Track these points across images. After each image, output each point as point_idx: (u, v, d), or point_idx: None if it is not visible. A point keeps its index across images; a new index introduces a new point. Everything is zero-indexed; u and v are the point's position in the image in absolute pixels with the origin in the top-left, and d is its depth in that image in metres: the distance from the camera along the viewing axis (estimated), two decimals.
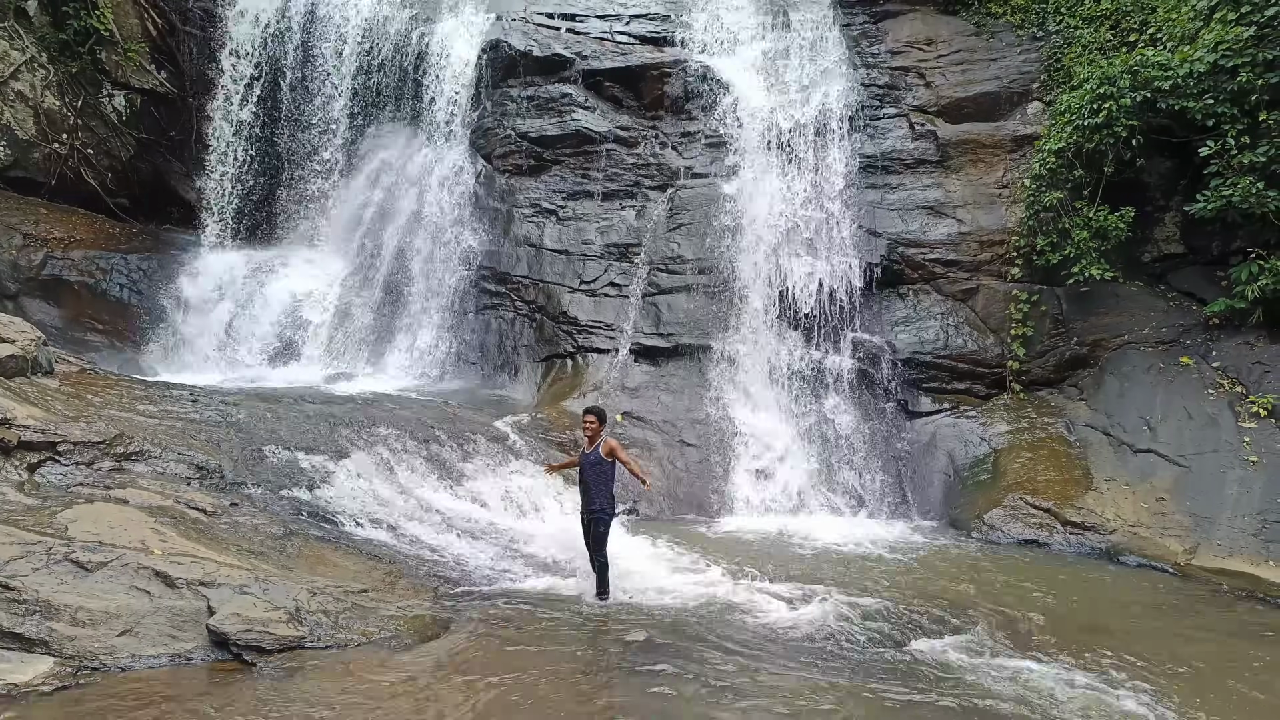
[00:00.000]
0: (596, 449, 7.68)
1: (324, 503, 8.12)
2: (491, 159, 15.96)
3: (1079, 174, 12.32)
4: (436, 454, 10.17)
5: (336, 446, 9.20)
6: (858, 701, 5.32)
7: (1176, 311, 12.27)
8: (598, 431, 7.71)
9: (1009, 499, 10.76)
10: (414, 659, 5.46)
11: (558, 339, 14.15)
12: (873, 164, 14.69)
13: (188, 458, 7.69)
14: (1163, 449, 10.69)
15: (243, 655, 5.14)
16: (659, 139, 15.71)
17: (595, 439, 7.70)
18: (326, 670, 5.12)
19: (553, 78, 16.14)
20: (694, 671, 5.65)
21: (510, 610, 6.74)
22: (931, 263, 13.84)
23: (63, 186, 15.29)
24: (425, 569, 7.43)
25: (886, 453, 12.59)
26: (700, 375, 13.30)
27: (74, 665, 4.78)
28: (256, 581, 5.86)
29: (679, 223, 14.69)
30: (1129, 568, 9.34)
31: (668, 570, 8.47)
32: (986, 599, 7.67)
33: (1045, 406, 12.43)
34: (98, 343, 13.39)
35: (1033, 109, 14.39)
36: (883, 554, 9.54)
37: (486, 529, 8.95)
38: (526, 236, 15.07)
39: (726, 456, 12.16)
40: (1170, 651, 6.59)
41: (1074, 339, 12.72)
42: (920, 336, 13.46)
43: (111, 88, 16.11)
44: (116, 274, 14.19)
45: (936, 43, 15.60)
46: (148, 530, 6.18)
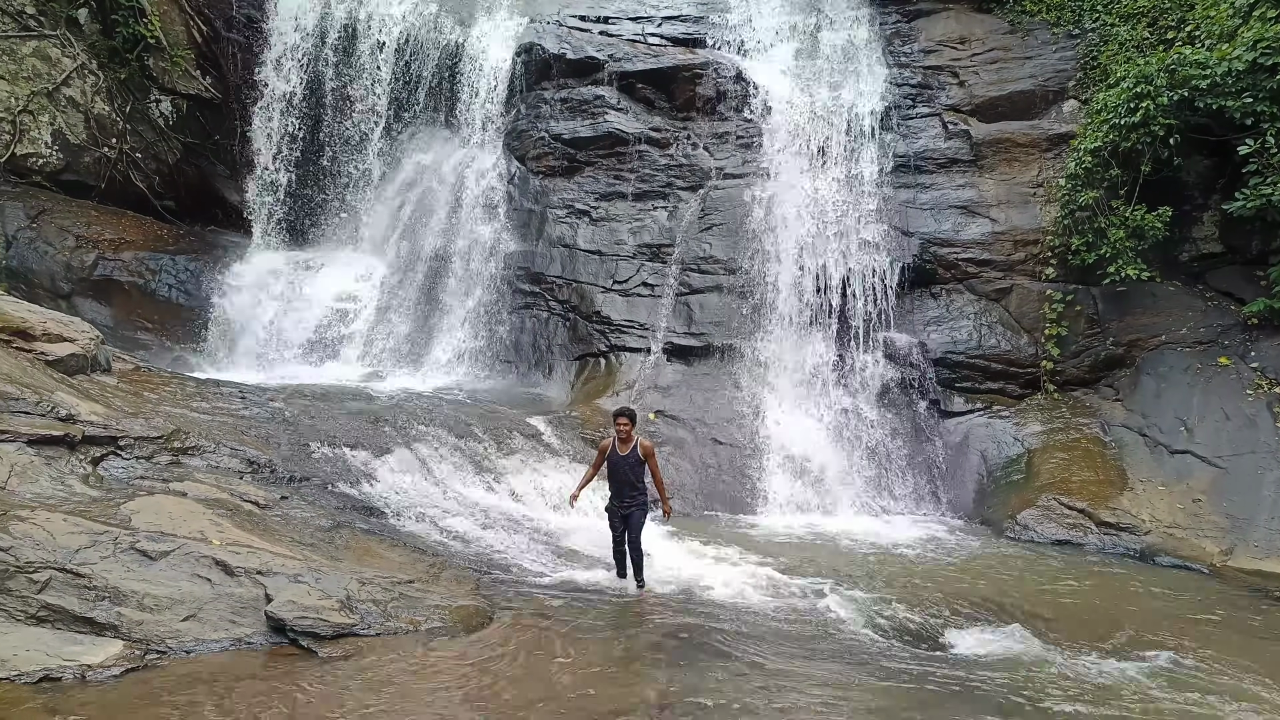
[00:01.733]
0: (634, 450, 7.77)
1: (368, 497, 8.38)
2: (525, 161, 16.20)
3: (1115, 173, 12.25)
4: (474, 450, 10.41)
5: (379, 443, 9.47)
6: (889, 694, 5.43)
7: (1215, 311, 12.15)
8: (631, 433, 7.81)
9: (1042, 499, 10.75)
10: (461, 646, 5.67)
11: (591, 338, 14.35)
12: (905, 163, 14.70)
13: (240, 453, 7.98)
14: (1199, 450, 10.63)
15: (299, 640, 5.38)
16: (691, 140, 15.84)
17: (629, 440, 7.78)
18: (379, 655, 5.34)
19: (586, 80, 16.34)
20: (729, 663, 5.80)
21: (550, 601, 6.93)
22: (965, 262, 13.82)
23: (112, 189, 15.78)
24: (467, 561, 7.65)
25: (918, 452, 12.62)
26: (731, 374, 13.43)
27: (142, 648, 5.04)
28: (309, 571, 6.11)
29: (711, 223, 14.81)
30: (1163, 568, 9.31)
31: (700, 565, 8.62)
32: (1017, 598, 7.72)
33: (1080, 407, 12.38)
34: (147, 341, 13.83)
35: (1068, 107, 14.30)
36: (913, 552, 9.60)
37: (523, 523, 9.16)
38: (560, 237, 15.29)
39: (758, 455, 12.27)
40: (1210, 648, 6.62)
41: (1110, 339, 12.65)
42: (953, 336, 13.46)
43: (159, 93, 16.58)
44: (165, 274, 14.64)
45: (970, 41, 15.56)
46: (206, 521, 6.46)
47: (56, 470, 6.47)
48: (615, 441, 7.82)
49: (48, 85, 15.04)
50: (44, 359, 7.88)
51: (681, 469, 11.97)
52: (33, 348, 7.92)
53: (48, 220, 14.27)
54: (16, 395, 6.82)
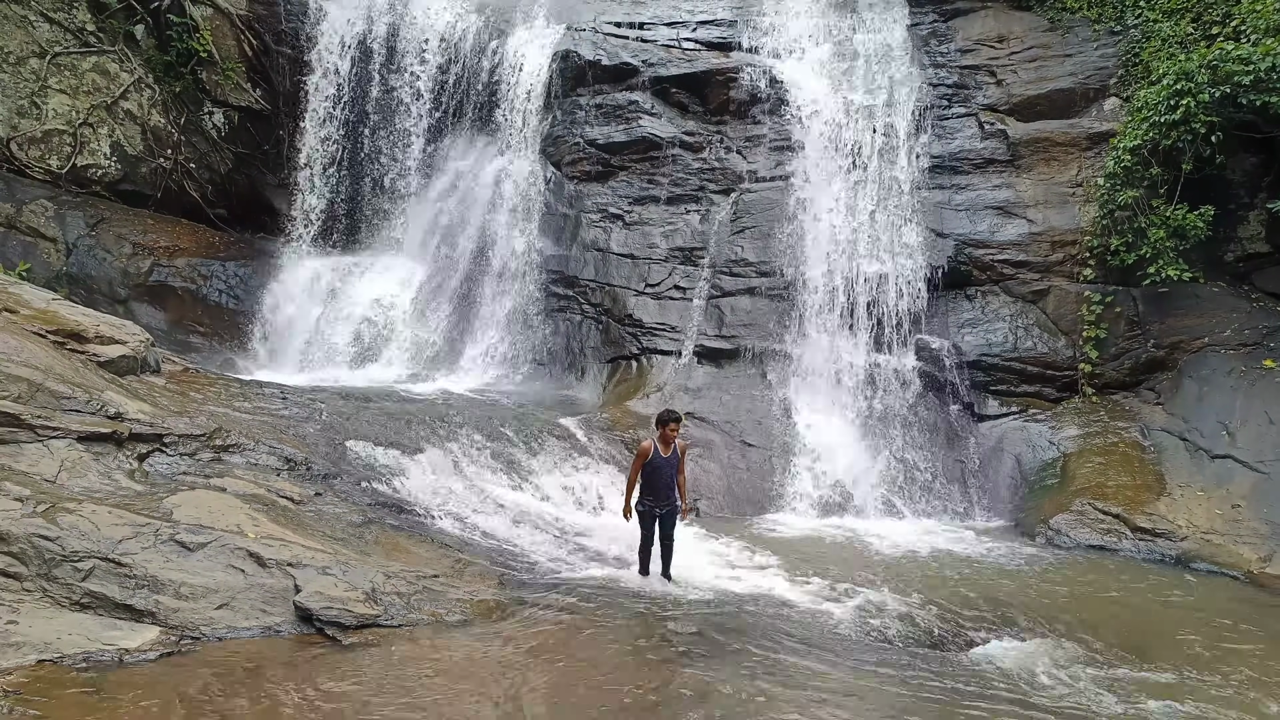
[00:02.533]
0: (674, 451, 7.87)
1: (399, 494, 8.65)
2: (561, 166, 16.46)
3: (1156, 172, 12.00)
4: (504, 451, 10.64)
5: (411, 443, 9.76)
6: (902, 697, 5.46)
7: (1260, 313, 11.82)
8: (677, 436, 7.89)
9: (1076, 504, 10.58)
10: (480, 639, 5.86)
11: (623, 341, 14.52)
12: (940, 164, 14.58)
13: (278, 451, 8.32)
14: (1241, 455, 10.36)
15: (325, 630, 5.62)
16: (724, 143, 15.92)
17: (671, 443, 7.84)
18: (401, 645, 5.56)
19: (620, 85, 16.54)
20: (747, 660, 5.89)
21: (572, 598, 7.09)
22: (1000, 264, 13.65)
23: (167, 198, 16.47)
24: (492, 558, 7.86)
25: (951, 456, 12.51)
26: (762, 377, 13.47)
27: (177, 634, 5.33)
28: (337, 564, 6.37)
29: (743, 226, 14.87)
30: (1199, 574, 9.10)
31: (725, 565, 8.71)
32: (1045, 603, 7.65)
33: (1119, 410, 12.14)
34: (199, 344, 14.41)
35: (1109, 105, 14.03)
36: (942, 556, 9.54)
37: (550, 522, 9.35)
38: (594, 241, 15.50)
39: (787, 457, 12.29)
40: (1238, 657, 6.49)
41: (1150, 341, 12.38)
42: (988, 339, 13.30)
43: (211, 105, 17.24)
44: (216, 280, 15.24)
45: (1008, 40, 15.36)
46: (242, 515, 6.77)
47: (104, 465, 6.85)
48: (657, 444, 7.84)
49: (106, 99, 15.77)
50: (96, 360, 8.32)
51: (710, 471, 12.05)
52: (85, 349, 8.37)
53: (106, 228, 14.96)
54: (68, 394, 7.23)
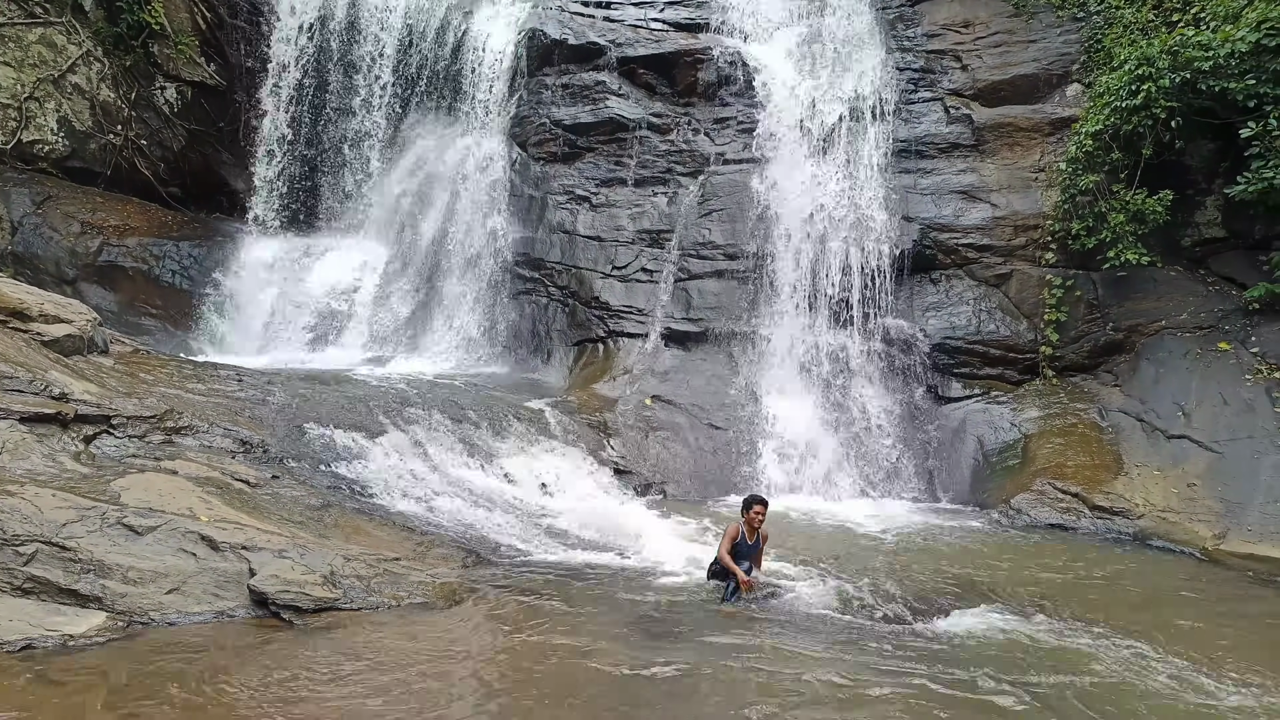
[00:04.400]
0: (758, 539, 7.37)
1: (360, 477, 8.47)
2: (527, 147, 16.22)
3: (1116, 157, 12.14)
4: (469, 434, 10.48)
5: (373, 425, 9.56)
6: (866, 672, 5.46)
7: (1216, 296, 12.05)
8: (763, 522, 7.36)
9: (1037, 483, 10.73)
10: (441, 621, 5.76)
11: (590, 324, 14.39)
12: (906, 148, 14.62)
13: (233, 433, 8.09)
14: (1196, 435, 10.57)
15: (281, 614, 5.47)
16: (692, 125, 15.80)
17: (756, 529, 7.34)
18: (359, 628, 5.43)
19: (587, 65, 16.32)
20: (710, 638, 5.87)
21: (534, 579, 7.00)
22: (964, 248, 13.75)
23: (118, 176, 15.95)
24: (456, 540, 7.72)
25: (915, 438, 12.61)
26: (729, 360, 13.45)
27: (125, 620, 5.14)
28: (294, 547, 6.20)
29: (710, 209, 14.79)
30: (1155, 551, 9.28)
31: (690, 546, 8.66)
32: (1002, 579, 7.74)
33: (1078, 392, 12.33)
34: (152, 326, 14.00)
35: (1072, 91, 14.17)
36: (903, 535, 9.61)
37: (515, 504, 9.24)
38: (560, 223, 15.32)
39: (754, 439, 12.30)
40: (1193, 629, 6.62)
41: (1109, 324, 12.57)
42: (952, 322, 13.41)
43: (163, 80, 16.71)
44: (169, 260, 14.79)
45: (974, 25, 15.42)
46: (195, 499, 6.56)
47: (48, 447, 6.58)
48: (743, 529, 7.31)
49: (53, 72, 15.20)
50: (40, 339, 7.99)
51: (677, 454, 12.01)
52: (29, 328, 8.04)
53: (53, 206, 14.44)
54: (10, 374, 6.93)
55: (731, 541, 7.29)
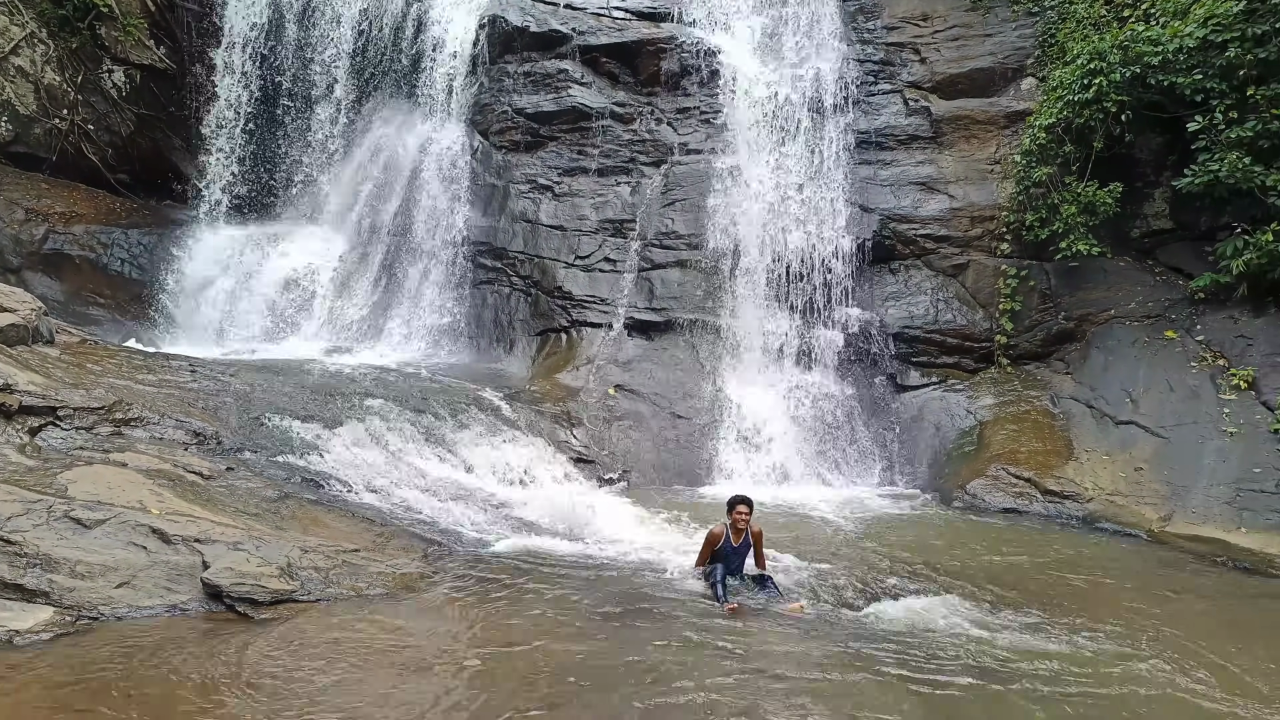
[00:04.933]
0: (746, 538, 7.14)
1: (318, 469, 8.34)
2: (489, 135, 16.06)
3: (1069, 149, 12.41)
4: (429, 424, 10.39)
5: (331, 416, 9.43)
6: (811, 653, 5.55)
7: (1163, 286, 12.40)
8: (749, 522, 7.13)
9: (991, 469, 10.97)
10: (400, 611, 5.71)
11: (553, 313, 14.34)
12: (867, 140, 14.77)
13: (185, 424, 7.92)
14: (1144, 420, 10.88)
15: (235, 606, 5.38)
16: (655, 115, 15.78)
17: (743, 530, 7.11)
18: (316, 620, 5.37)
19: (550, 54, 16.19)
20: (670, 624, 5.91)
21: (495, 568, 6.98)
22: (923, 238, 13.96)
23: (64, 162, 15.47)
24: (416, 531, 7.66)
25: (875, 425, 12.80)
26: (692, 349, 13.50)
27: (73, 614, 5.02)
28: (250, 539, 6.10)
29: (673, 198, 14.80)
30: (1103, 534, 9.56)
31: (650, 534, 8.73)
32: (953, 562, 7.90)
33: (1031, 380, 12.62)
34: (100, 316, 13.63)
35: (1026, 85, 14.43)
36: (862, 522, 9.75)
37: (476, 494, 9.18)
38: (523, 212, 15.21)
39: (716, 428, 12.38)
40: (1127, 607, 6.87)
41: (1061, 314, 12.87)
42: (910, 311, 13.61)
43: (111, 63, 16.23)
44: (117, 249, 14.40)
45: (933, 18, 15.60)
46: (145, 491, 6.42)
47: None
48: (728, 531, 7.09)
49: None
50: None
51: (640, 443, 12.05)
52: None
53: None
54: None
55: (711, 548, 7.09)
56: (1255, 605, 7.19)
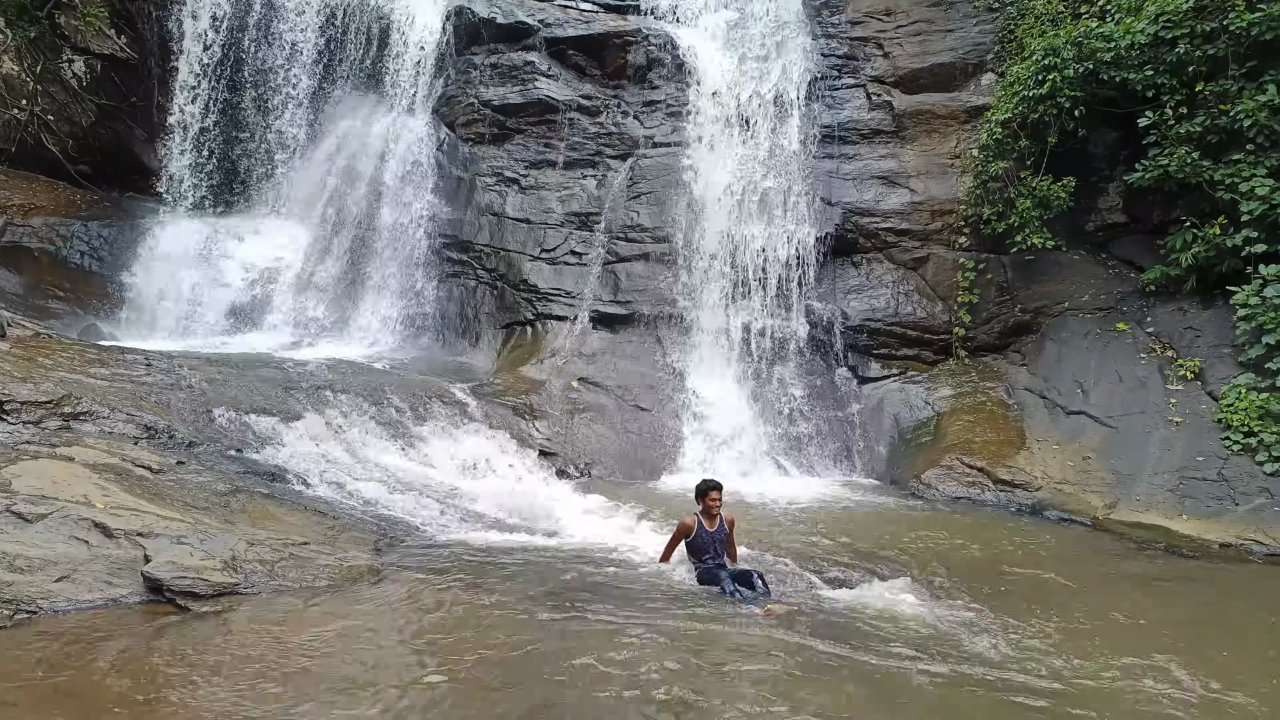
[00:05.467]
0: (720, 525, 7.11)
1: (273, 462, 8.37)
2: (455, 127, 16.03)
3: (1024, 144, 12.60)
4: (390, 417, 10.42)
5: (289, 409, 9.44)
6: (747, 641, 5.68)
7: (1116, 279, 12.65)
8: (720, 508, 7.13)
9: (946, 459, 11.18)
10: (344, 603, 5.76)
11: (518, 306, 14.37)
12: (830, 134, 14.89)
13: (136, 418, 7.91)
14: (1093, 410, 11.12)
15: (176, 600, 5.41)
16: (621, 108, 15.81)
17: (717, 516, 7.09)
18: (257, 613, 5.41)
19: (517, 45, 16.17)
20: (623, 614, 5.99)
21: (447, 560, 7.04)
22: (884, 232, 14.12)
23: (23, 153, 15.26)
24: (370, 524, 7.71)
25: (835, 417, 12.97)
26: (656, 342, 13.60)
27: (10, 608, 5.03)
28: (195, 533, 6.13)
29: (639, 191, 14.87)
30: (1050, 522, 9.78)
31: (608, 526, 8.82)
32: (900, 550, 8.07)
33: (988, 371, 12.84)
34: (59, 310, 13.48)
35: (986, 80, 14.61)
36: (819, 513, 9.90)
37: (435, 487, 9.23)
38: (489, 205, 15.22)
39: (679, 420, 12.50)
40: (1057, 590, 7.10)
41: (1018, 306, 13.10)
42: (872, 304, 13.78)
43: (71, 53, 16.00)
44: (77, 241, 14.25)
45: (895, 13, 15.73)
46: (91, 486, 6.42)
47: None
48: (700, 519, 7.04)
49: None
50: None
51: (603, 436, 12.13)
52: None
53: None
54: None
55: (683, 538, 6.98)
56: (1177, 587, 7.42)
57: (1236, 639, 6.19)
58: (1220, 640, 6.10)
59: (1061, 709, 4.77)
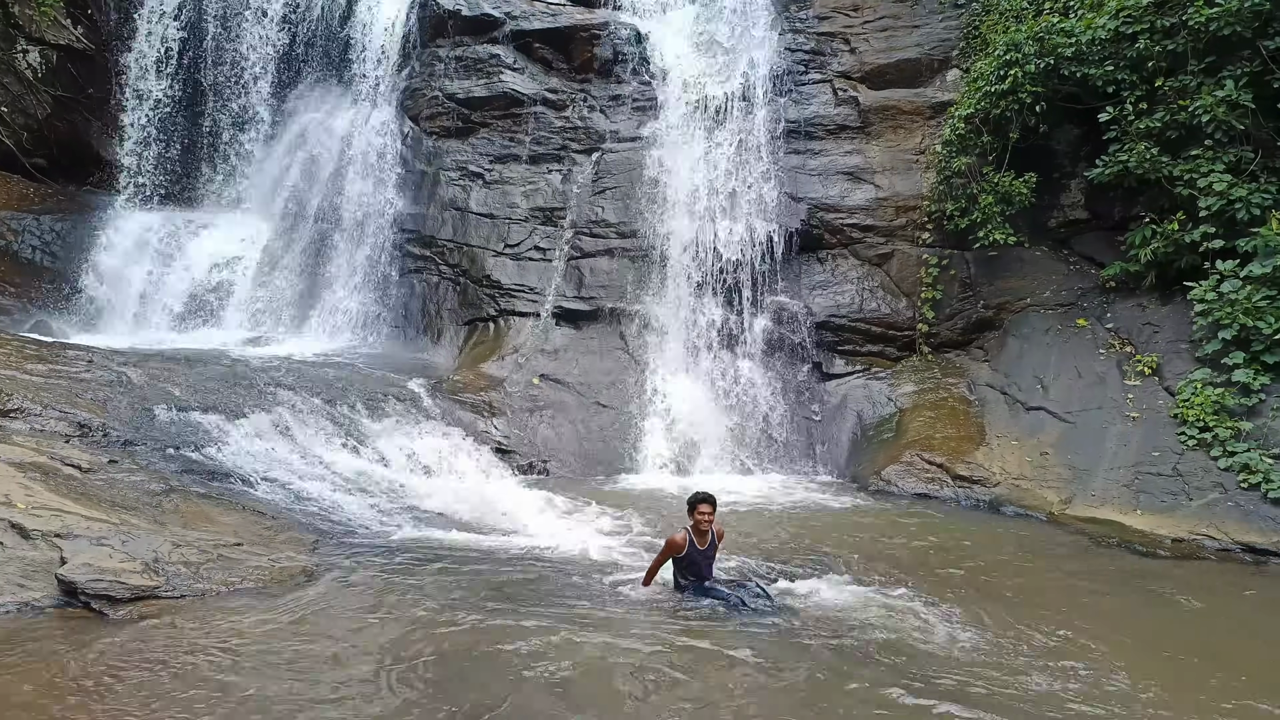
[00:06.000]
0: (712, 540, 6.58)
1: (215, 461, 8.20)
2: (419, 120, 15.83)
3: (986, 140, 12.56)
4: (343, 415, 10.26)
5: (235, 407, 9.26)
6: (692, 629, 5.59)
7: (1076, 275, 12.64)
8: (712, 523, 6.56)
9: (906, 455, 11.13)
10: (269, 606, 5.61)
11: (481, 303, 14.21)
12: (796, 129, 14.79)
13: (70, 416, 7.72)
14: (1052, 406, 11.11)
15: (91, 604, 5.25)
16: (587, 102, 15.65)
17: (708, 532, 6.53)
18: (176, 616, 5.26)
19: (482, 38, 15.98)
20: (545, 612, 5.89)
21: (387, 560, 6.90)
22: (850, 228, 14.05)
23: None
24: (310, 524, 7.56)
25: (799, 413, 12.89)
26: (620, 338, 13.48)
27: None
28: (118, 534, 5.96)
29: (604, 186, 14.73)
30: (1006, 517, 9.75)
31: (559, 523, 8.73)
32: (848, 547, 8.01)
33: (951, 367, 12.81)
34: (10, 305, 13.21)
35: (951, 76, 14.56)
36: (773, 509, 9.83)
37: (385, 486, 9.09)
38: (452, 199, 15.04)
39: (640, 417, 12.38)
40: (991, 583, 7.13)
41: (980, 302, 13.07)
42: (837, 300, 13.71)
43: (26, 43, 15.71)
44: (29, 235, 13.97)
45: (863, 9, 15.64)
46: (14, 485, 6.24)
47: None
48: (691, 535, 6.47)
49: None
50: None
51: (562, 433, 12.01)
52: None
53: None
54: None
55: (671, 555, 6.47)
56: (1115, 584, 7.38)
57: (1155, 635, 6.22)
58: (1145, 637, 6.11)
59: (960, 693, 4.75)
